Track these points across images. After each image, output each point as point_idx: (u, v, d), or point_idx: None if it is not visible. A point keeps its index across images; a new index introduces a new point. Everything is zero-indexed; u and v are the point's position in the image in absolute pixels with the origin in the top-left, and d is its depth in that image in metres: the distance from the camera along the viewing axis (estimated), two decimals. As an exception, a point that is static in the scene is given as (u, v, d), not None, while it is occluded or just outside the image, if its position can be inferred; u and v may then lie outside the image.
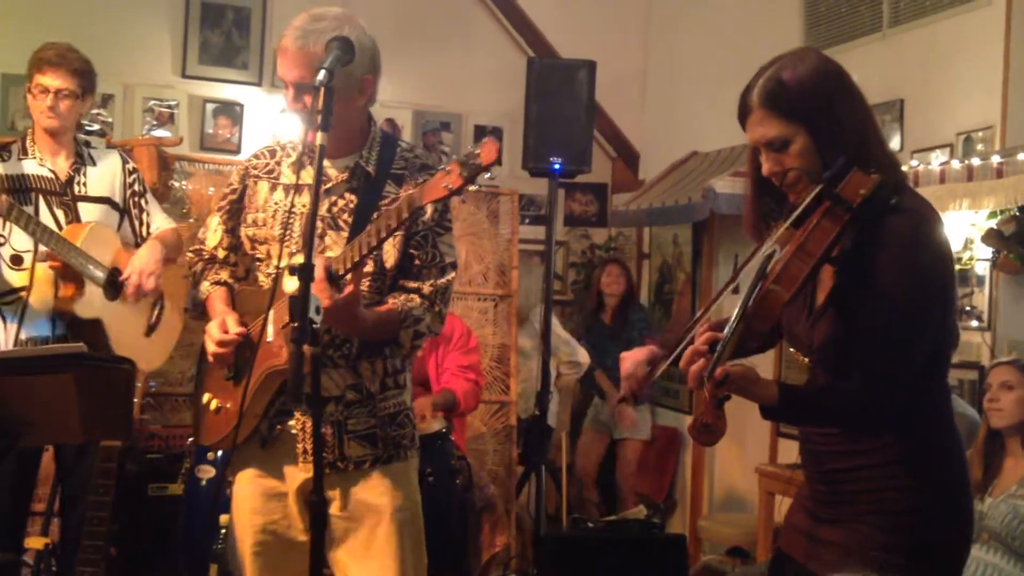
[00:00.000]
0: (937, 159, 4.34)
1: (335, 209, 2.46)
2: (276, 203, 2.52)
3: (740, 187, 5.26)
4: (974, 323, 4.34)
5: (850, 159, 1.95)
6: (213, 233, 2.65)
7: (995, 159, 3.79)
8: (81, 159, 3.54)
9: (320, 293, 2.13)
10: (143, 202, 3.68)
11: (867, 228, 1.95)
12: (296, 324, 1.98)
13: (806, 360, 2.16)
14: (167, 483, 4.10)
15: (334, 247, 2.42)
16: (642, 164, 7.31)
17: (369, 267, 2.40)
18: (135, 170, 3.71)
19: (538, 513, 4.46)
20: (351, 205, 2.46)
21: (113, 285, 3.47)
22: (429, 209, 2.39)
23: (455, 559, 3.89)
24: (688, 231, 6.48)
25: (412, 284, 2.45)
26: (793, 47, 4.47)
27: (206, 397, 2.55)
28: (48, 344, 3.36)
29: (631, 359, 2.18)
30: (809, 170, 2.00)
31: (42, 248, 3.32)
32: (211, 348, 2.44)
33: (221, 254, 2.64)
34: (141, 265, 3.47)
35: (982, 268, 4.33)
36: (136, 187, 3.67)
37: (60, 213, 3.44)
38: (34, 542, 3.85)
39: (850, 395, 2.00)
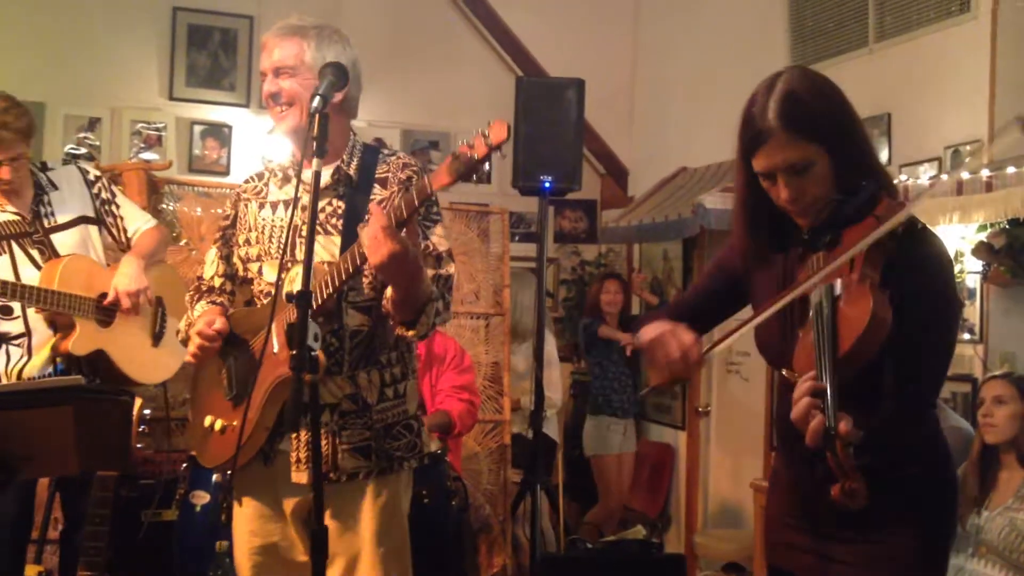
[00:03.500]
0: (925, 173, 4.36)
1: (322, 216, 2.47)
2: (264, 219, 2.57)
3: (730, 202, 5.26)
4: (966, 336, 4.34)
5: (876, 183, 1.96)
6: (211, 264, 2.69)
7: (984, 173, 3.81)
8: (41, 188, 3.44)
9: (388, 237, 2.11)
10: (114, 208, 3.61)
11: (898, 254, 1.92)
12: (295, 352, 1.97)
13: None
14: (161, 509, 4.06)
15: (322, 251, 2.44)
16: (631, 180, 7.33)
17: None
18: (99, 178, 3.61)
19: (533, 533, 4.43)
20: (339, 211, 2.47)
21: (103, 311, 3.42)
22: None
23: (452, 581, 3.87)
24: (678, 247, 6.49)
25: None
26: (780, 63, 4.45)
27: (208, 420, 2.53)
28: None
29: (671, 339, 2.01)
30: (831, 195, 1.95)
31: None
32: (195, 343, 2.43)
33: (218, 283, 2.67)
34: (124, 287, 3.41)
35: (973, 281, 4.34)
36: (104, 195, 3.58)
37: (35, 252, 3.37)
38: (29, 570, 3.82)
39: (901, 417, 1.95)
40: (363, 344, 2.46)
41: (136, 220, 3.66)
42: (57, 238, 3.43)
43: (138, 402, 3.41)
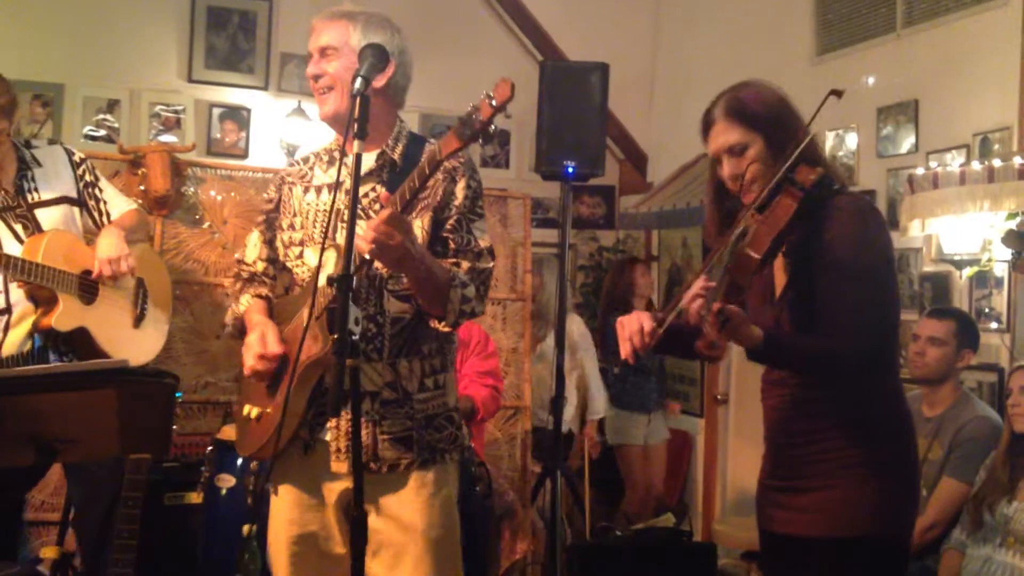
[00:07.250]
0: (954, 160, 4.32)
1: (365, 201, 2.47)
2: (308, 204, 2.56)
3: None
4: (993, 325, 4.32)
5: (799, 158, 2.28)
6: (252, 247, 2.67)
7: (1017, 160, 3.77)
8: (24, 163, 3.39)
9: (385, 224, 2.16)
10: (97, 191, 3.56)
11: (816, 216, 2.26)
12: (336, 336, 1.95)
13: None
14: (184, 491, 4.05)
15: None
16: (650, 166, 7.29)
17: None
18: (84, 160, 3.57)
19: (553, 520, 4.41)
20: (382, 196, 2.43)
21: (86, 288, 3.37)
22: (460, 195, 2.47)
23: (476, 567, 3.85)
24: (698, 233, 6.46)
25: (450, 261, 2.45)
26: (805, 48, 4.61)
27: (246, 409, 2.52)
28: (28, 359, 3.28)
29: (633, 318, 2.28)
30: (765, 171, 2.32)
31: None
32: (249, 363, 2.42)
33: (260, 267, 2.65)
34: (107, 254, 3.35)
35: (1000, 270, 4.31)
36: (88, 177, 3.54)
37: (19, 227, 3.31)
38: (49, 552, 3.81)
39: (822, 344, 2.29)
40: (404, 332, 2.45)
41: (119, 205, 3.62)
42: (41, 214, 3.38)
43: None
